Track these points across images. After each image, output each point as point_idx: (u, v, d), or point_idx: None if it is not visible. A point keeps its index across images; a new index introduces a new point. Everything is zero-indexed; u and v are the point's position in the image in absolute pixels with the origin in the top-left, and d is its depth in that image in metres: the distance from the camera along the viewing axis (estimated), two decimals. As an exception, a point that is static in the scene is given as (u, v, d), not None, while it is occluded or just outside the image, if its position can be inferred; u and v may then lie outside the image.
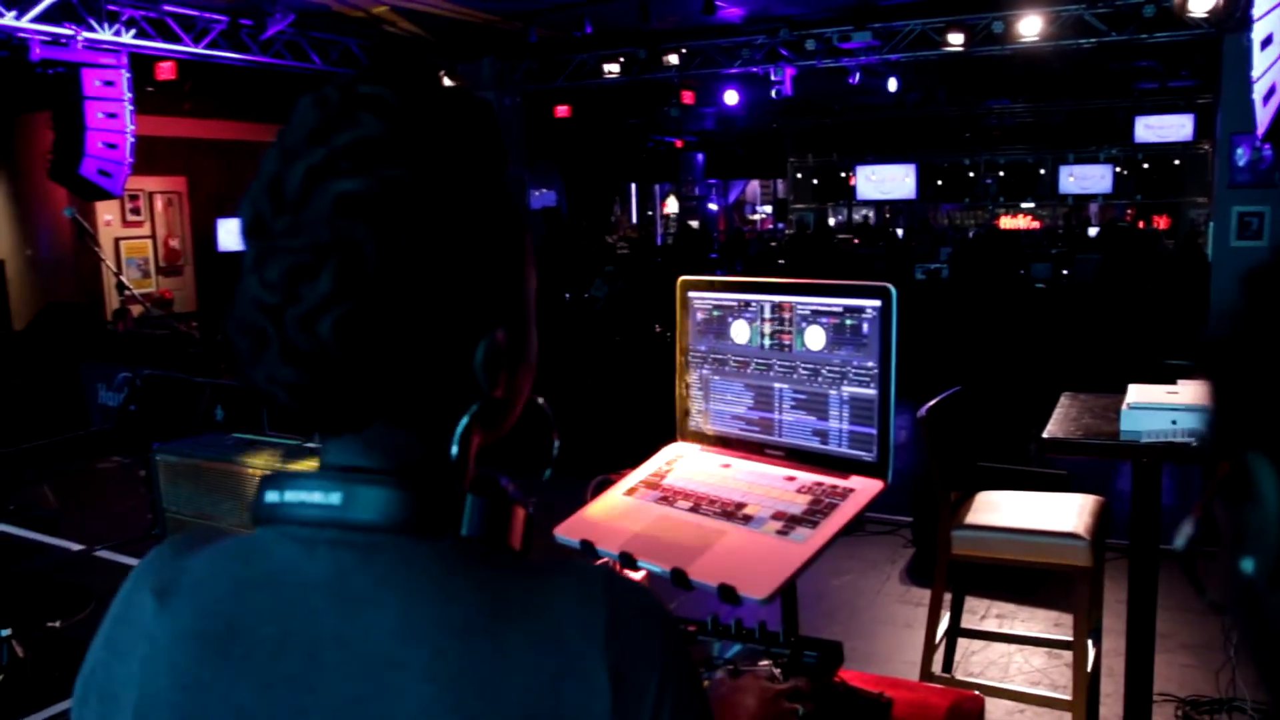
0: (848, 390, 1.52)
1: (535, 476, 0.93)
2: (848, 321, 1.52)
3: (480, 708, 0.68)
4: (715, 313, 1.69)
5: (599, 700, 0.69)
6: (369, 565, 0.72)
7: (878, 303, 1.48)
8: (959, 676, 3.52)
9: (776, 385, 1.62)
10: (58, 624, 4.15)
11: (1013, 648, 4.12)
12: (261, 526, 0.77)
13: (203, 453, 3.33)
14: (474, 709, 0.68)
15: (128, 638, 0.76)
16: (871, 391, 1.50)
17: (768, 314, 1.62)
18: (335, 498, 0.74)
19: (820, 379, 1.56)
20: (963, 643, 4.00)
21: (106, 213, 12.47)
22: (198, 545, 0.79)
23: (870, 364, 1.50)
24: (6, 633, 3.18)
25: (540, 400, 0.87)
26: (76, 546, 5.47)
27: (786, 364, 1.60)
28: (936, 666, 3.38)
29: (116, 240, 12.94)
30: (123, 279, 6.18)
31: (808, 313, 1.57)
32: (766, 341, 1.62)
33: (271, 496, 0.77)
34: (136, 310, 9.67)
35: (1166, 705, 3.63)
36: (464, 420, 0.77)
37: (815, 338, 1.56)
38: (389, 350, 0.71)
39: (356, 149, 0.71)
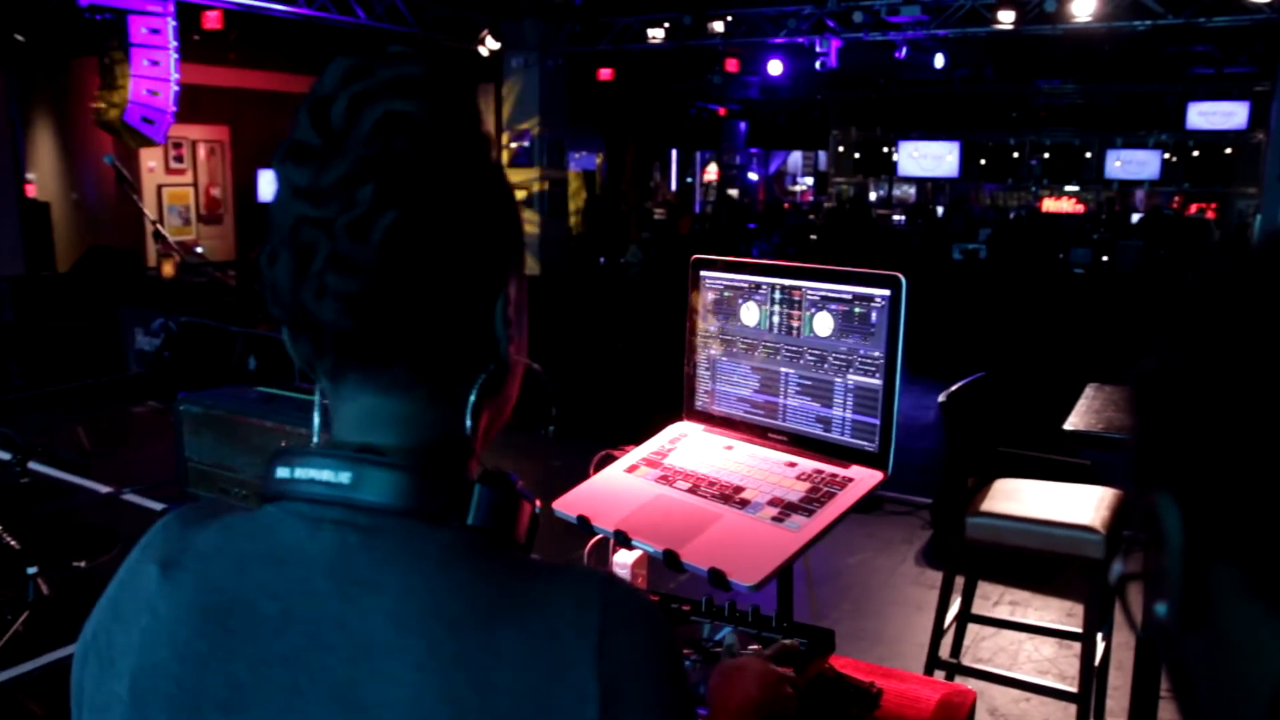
0: (853, 379, 1.52)
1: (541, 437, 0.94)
2: (856, 309, 1.51)
3: (470, 700, 0.68)
4: (727, 293, 1.68)
5: (589, 704, 0.69)
6: (371, 548, 0.72)
7: (887, 292, 1.47)
8: (966, 662, 3.51)
9: (783, 370, 1.61)
10: (83, 564, 4.25)
11: (1023, 636, 4.10)
12: (270, 502, 0.78)
13: (225, 405, 3.38)
14: (463, 701, 0.68)
15: (131, 607, 0.77)
16: (876, 381, 1.49)
17: (778, 297, 1.61)
18: (345, 477, 0.74)
19: (826, 366, 1.55)
20: (973, 628, 3.99)
21: (150, 159, 12.59)
22: (206, 519, 0.79)
23: (876, 354, 1.49)
24: (33, 571, 3.25)
25: (536, 366, 0.89)
26: (105, 489, 5.57)
27: (794, 349, 1.59)
28: (945, 651, 3.38)
29: (159, 187, 13.07)
30: (160, 228, 6.23)
31: (817, 298, 1.55)
32: (775, 325, 1.62)
33: (282, 472, 0.77)
34: (175, 260, 9.70)
35: (1174, 701, 3.60)
36: (480, 379, 0.80)
37: (824, 324, 1.55)
38: (430, 268, 0.74)
39: (400, 82, 0.75)
